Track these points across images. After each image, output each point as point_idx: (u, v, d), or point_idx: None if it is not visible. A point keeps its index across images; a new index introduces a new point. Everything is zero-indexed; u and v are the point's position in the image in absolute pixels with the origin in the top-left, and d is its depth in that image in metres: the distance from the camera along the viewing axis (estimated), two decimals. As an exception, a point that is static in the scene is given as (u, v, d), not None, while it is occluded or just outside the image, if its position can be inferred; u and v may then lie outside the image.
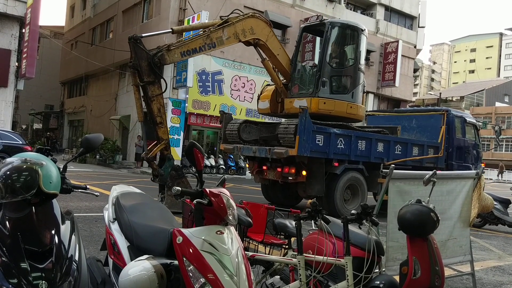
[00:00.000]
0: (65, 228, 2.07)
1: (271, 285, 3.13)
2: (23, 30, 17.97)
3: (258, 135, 10.72)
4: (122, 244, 2.67)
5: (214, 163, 21.16)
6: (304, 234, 3.18)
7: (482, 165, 12.62)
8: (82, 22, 33.60)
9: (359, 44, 10.38)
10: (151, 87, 8.69)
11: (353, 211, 3.11)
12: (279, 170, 9.82)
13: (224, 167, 21.42)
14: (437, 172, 3.45)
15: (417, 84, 78.76)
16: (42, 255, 1.88)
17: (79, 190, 2.51)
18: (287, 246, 3.54)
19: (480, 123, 13.68)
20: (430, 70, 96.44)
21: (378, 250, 3.08)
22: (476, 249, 7.17)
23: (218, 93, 21.94)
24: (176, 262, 2.23)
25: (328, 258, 3.05)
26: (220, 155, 22.16)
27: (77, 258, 2.00)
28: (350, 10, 28.93)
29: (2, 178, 1.88)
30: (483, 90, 65.38)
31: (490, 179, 38.43)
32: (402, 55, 29.11)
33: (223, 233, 2.21)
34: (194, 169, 2.44)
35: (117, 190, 3.10)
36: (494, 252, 7.53)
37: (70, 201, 8.94)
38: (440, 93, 46.27)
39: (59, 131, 38.04)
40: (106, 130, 26.78)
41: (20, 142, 14.44)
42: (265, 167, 10.38)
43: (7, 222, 1.91)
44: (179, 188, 2.26)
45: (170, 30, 9.62)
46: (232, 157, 21.75)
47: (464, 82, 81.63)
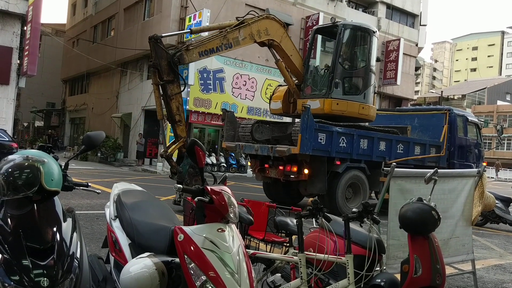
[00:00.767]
0: (66, 225, 2.07)
1: (272, 283, 3.13)
2: (25, 28, 17.99)
3: (270, 135, 10.80)
4: (124, 241, 2.68)
5: (215, 161, 21.17)
6: (305, 232, 3.18)
7: (484, 163, 12.59)
8: (83, 19, 33.60)
9: (371, 45, 10.43)
10: (170, 86, 8.73)
11: (354, 209, 3.12)
12: (281, 168, 9.85)
13: (225, 165, 21.44)
14: (438, 170, 3.44)
15: (418, 82, 78.63)
16: (44, 252, 1.89)
17: (81, 188, 2.52)
18: (288, 244, 3.54)
19: (481, 122, 13.64)
20: (432, 69, 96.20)
21: (379, 248, 3.09)
22: (477, 247, 7.16)
23: (219, 91, 21.91)
24: (177, 260, 2.24)
25: (329, 256, 3.05)
26: (221, 153, 22.18)
27: (78, 256, 2.01)
28: (352, 8, 28.84)
29: (4, 175, 1.89)
30: (485, 89, 65.19)
31: (492, 178, 38.34)
32: (404, 53, 29.05)
33: (224, 231, 2.21)
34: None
35: (118, 188, 3.10)
36: (495, 250, 7.52)
37: (72, 198, 8.95)
38: (441, 91, 46.26)
39: (61, 129, 38.14)
40: (108, 127, 26.80)
41: (6, 139, 13.80)
42: (267, 165, 10.41)
43: (9, 219, 1.91)
44: (180, 185, 2.27)
45: (189, 30, 9.74)
46: (233, 155, 21.75)
47: (465, 80, 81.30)
